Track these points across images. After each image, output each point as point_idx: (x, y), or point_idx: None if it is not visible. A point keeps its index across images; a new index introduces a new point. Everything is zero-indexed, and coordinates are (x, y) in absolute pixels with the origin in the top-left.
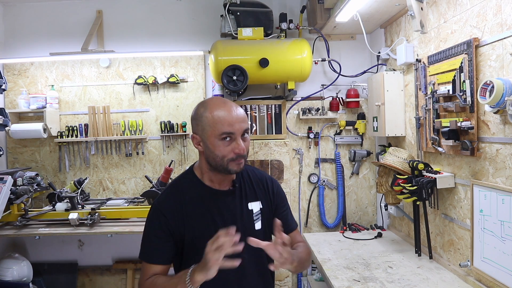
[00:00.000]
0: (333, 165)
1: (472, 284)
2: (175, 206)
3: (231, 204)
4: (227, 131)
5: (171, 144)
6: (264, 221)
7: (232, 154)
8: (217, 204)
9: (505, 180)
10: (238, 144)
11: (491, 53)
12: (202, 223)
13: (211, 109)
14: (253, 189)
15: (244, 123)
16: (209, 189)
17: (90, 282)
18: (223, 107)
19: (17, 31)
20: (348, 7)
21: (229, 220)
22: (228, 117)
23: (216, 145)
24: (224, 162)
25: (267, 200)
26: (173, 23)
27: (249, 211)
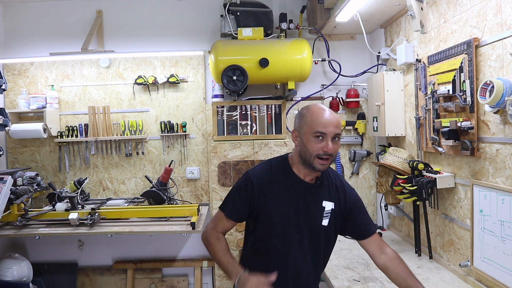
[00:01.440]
0: (333, 165)
1: (472, 284)
2: (263, 180)
3: (309, 196)
4: (320, 130)
5: (171, 144)
6: (332, 221)
7: (321, 151)
8: (297, 191)
9: (505, 180)
10: (327, 144)
11: (491, 53)
12: (279, 203)
13: (312, 111)
14: (331, 191)
15: (337, 128)
16: (295, 177)
17: (90, 282)
18: (322, 111)
19: (17, 31)
20: (348, 7)
21: (301, 207)
22: (324, 120)
23: (309, 141)
24: (312, 158)
25: (340, 205)
26: (173, 23)
27: (322, 207)
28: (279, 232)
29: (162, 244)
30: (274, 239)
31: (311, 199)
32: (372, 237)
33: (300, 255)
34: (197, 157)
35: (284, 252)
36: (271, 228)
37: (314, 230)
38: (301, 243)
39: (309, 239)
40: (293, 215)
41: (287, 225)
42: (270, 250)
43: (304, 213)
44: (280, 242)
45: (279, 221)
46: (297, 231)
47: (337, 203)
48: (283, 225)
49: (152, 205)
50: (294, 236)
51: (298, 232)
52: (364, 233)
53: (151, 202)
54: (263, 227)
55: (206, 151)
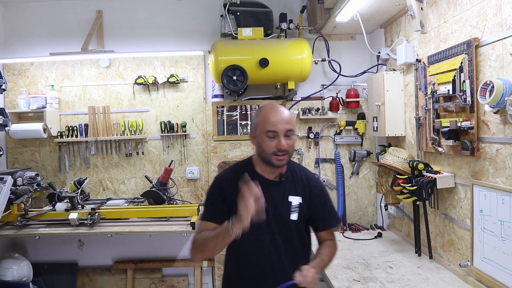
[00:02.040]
0: (333, 165)
1: (472, 284)
2: (231, 181)
3: (274, 193)
4: (271, 129)
5: (171, 144)
6: (301, 214)
7: (275, 149)
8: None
9: (505, 180)
10: (280, 141)
11: (491, 53)
12: None
13: (262, 112)
14: (297, 185)
15: (288, 125)
16: (259, 176)
17: (90, 282)
18: (271, 111)
19: (17, 31)
20: (348, 7)
21: (269, 204)
22: (273, 118)
23: (264, 141)
24: (269, 156)
25: (307, 198)
26: (173, 23)
27: (288, 202)
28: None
29: (162, 244)
30: (247, 238)
31: (277, 196)
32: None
33: (273, 252)
34: (197, 157)
35: (257, 251)
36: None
37: (284, 225)
38: (273, 239)
39: (281, 235)
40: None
41: (257, 224)
42: (244, 250)
43: (272, 210)
44: (253, 241)
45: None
46: (268, 229)
47: (303, 197)
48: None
49: (152, 205)
50: (265, 234)
51: (269, 229)
52: (321, 227)
53: (151, 202)
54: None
55: (206, 151)
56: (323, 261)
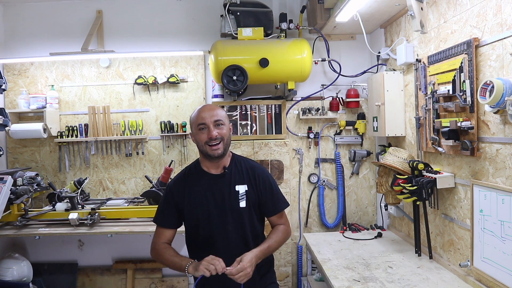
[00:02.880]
0: (333, 165)
1: (472, 284)
2: (180, 185)
3: (221, 185)
4: (200, 122)
5: (171, 144)
6: (249, 202)
7: (207, 138)
8: (210, 184)
9: (505, 180)
10: (210, 131)
11: (491, 53)
12: (197, 198)
13: (194, 112)
14: (242, 175)
15: (215, 116)
16: (205, 173)
17: (90, 282)
18: (201, 108)
19: (17, 31)
20: (348, 7)
21: (217, 197)
22: (201, 114)
23: (197, 135)
24: (204, 147)
25: (253, 185)
26: (173, 23)
27: (236, 191)
28: (203, 224)
29: None
30: (201, 231)
31: (223, 187)
32: (279, 215)
33: (226, 240)
34: (197, 157)
35: (211, 241)
36: (196, 222)
37: (234, 213)
38: (225, 229)
39: (232, 223)
40: (211, 206)
41: (209, 217)
42: (198, 243)
43: (221, 201)
44: (206, 232)
45: (201, 215)
46: (220, 220)
47: (249, 184)
48: (205, 217)
49: (152, 205)
50: (217, 225)
51: (221, 220)
52: (271, 212)
53: (151, 202)
54: (190, 223)
55: None
56: (270, 247)
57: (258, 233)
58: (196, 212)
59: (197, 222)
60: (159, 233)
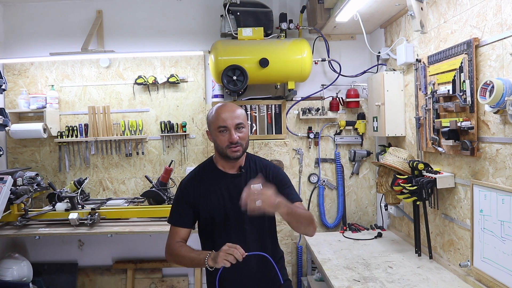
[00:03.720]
0: (333, 165)
1: (472, 284)
2: (195, 184)
3: (237, 184)
4: (222, 125)
5: (171, 144)
6: None
7: (227, 142)
8: (226, 183)
9: (505, 180)
10: (231, 135)
11: (491, 53)
12: (213, 197)
13: (214, 111)
14: (256, 173)
15: (237, 119)
16: (221, 172)
17: (90, 282)
18: (221, 108)
19: (17, 31)
20: (348, 7)
21: (234, 196)
22: (223, 115)
23: (217, 136)
24: (224, 150)
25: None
26: (173, 23)
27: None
28: (220, 224)
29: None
30: (216, 232)
31: (240, 186)
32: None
33: (242, 240)
34: (197, 157)
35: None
36: (212, 222)
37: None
38: (242, 229)
39: (250, 223)
40: (228, 206)
41: (226, 216)
42: (216, 242)
43: (238, 200)
44: (222, 233)
45: (217, 214)
46: (236, 219)
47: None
48: (221, 217)
49: (152, 205)
50: (234, 224)
51: (238, 219)
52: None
53: (151, 202)
54: (205, 224)
55: (206, 151)
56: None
57: (274, 233)
58: (213, 212)
59: (213, 222)
60: (174, 233)
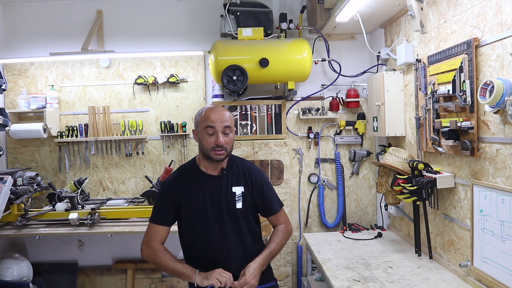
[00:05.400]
0: (333, 165)
1: (472, 284)
2: (177, 184)
3: (218, 186)
4: (209, 125)
5: (171, 144)
6: (246, 203)
7: (213, 144)
8: (207, 185)
9: (505, 180)
10: (218, 137)
11: (491, 53)
12: (194, 198)
13: (203, 111)
14: (239, 176)
15: (225, 122)
16: (203, 173)
17: (90, 282)
18: (211, 109)
19: (17, 31)
20: (348, 7)
21: (214, 198)
22: (212, 116)
23: (204, 137)
24: (208, 151)
25: (249, 187)
26: (173, 23)
27: (232, 193)
28: (200, 225)
29: None
30: (197, 232)
31: (220, 188)
32: (276, 215)
33: (223, 242)
34: None
35: (208, 242)
36: (192, 223)
37: (231, 215)
38: (222, 230)
39: (229, 224)
40: (209, 207)
41: (206, 217)
42: (196, 243)
43: (218, 202)
44: (203, 233)
45: (198, 215)
46: (216, 221)
47: (246, 186)
48: (201, 218)
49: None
50: (214, 226)
51: (218, 221)
52: (268, 212)
53: (151, 202)
54: (186, 223)
55: None
56: (272, 252)
57: (256, 234)
58: (193, 212)
59: (193, 223)
60: (153, 232)
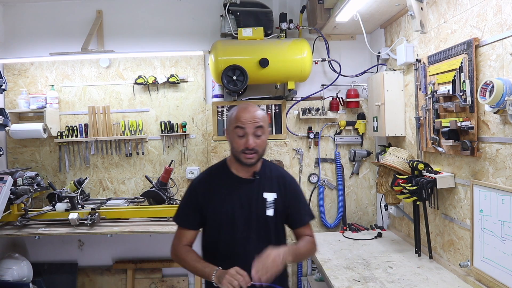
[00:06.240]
0: (333, 165)
1: (472, 284)
2: (205, 185)
3: (249, 190)
4: (239, 125)
5: (171, 144)
6: (277, 210)
7: (243, 146)
8: (237, 188)
9: (505, 180)
10: (247, 140)
11: (491, 53)
12: (223, 201)
13: (235, 110)
14: (271, 182)
15: (257, 123)
16: (233, 176)
17: (90, 282)
18: (242, 108)
19: (17, 31)
20: (348, 7)
21: (244, 202)
22: (242, 116)
23: (233, 138)
24: (238, 154)
25: (282, 194)
26: (173, 23)
27: (263, 199)
28: (226, 229)
29: (162, 244)
30: (222, 237)
31: (251, 193)
32: (304, 227)
33: (248, 249)
34: (197, 157)
35: (232, 248)
36: (218, 227)
37: (260, 222)
38: (248, 237)
39: (257, 232)
40: (237, 212)
41: (233, 222)
42: (219, 249)
43: (248, 207)
44: (228, 239)
45: (224, 219)
46: (244, 227)
47: (278, 193)
48: (228, 223)
49: (152, 205)
50: (241, 232)
51: (245, 227)
52: (297, 223)
53: (151, 202)
54: (211, 226)
55: (206, 151)
56: (299, 249)
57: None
58: (220, 216)
59: (219, 227)
60: (181, 235)
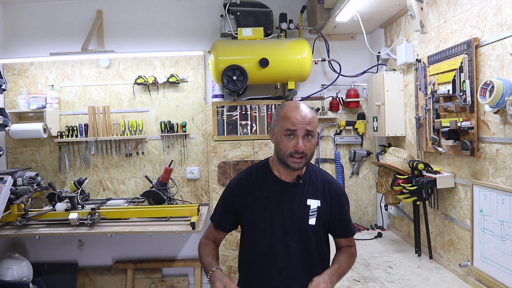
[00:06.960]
0: (333, 165)
1: (472, 284)
2: (244, 186)
3: (291, 195)
4: (290, 128)
5: (171, 144)
6: (320, 219)
7: (292, 150)
8: (278, 192)
9: (505, 180)
10: (297, 142)
11: (491, 53)
12: (260, 204)
13: (284, 109)
14: (316, 188)
15: (308, 125)
16: (275, 178)
17: (90, 282)
18: (293, 107)
19: (17, 31)
20: (348, 7)
21: (284, 208)
22: (294, 117)
23: (282, 140)
24: (285, 157)
25: (327, 202)
26: (173, 23)
27: (307, 206)
28: (263, 236)
29: (162, 244)
30: (259, 244)
31: (293, 199)
32: (350, 238)
33: (287, 259)
34: (197, 157)
35: (270, 257)
36: (255, 233)
37: (301, 230)
38: (288, 246)
39: (297, 241)
40: (276, 217)
41: (271, 228)
42: (256, 256)
43: (288, 214)
44: (265, 246)
45: (262, 224)
46: (282, 234)
47: (323, 200)
48: (266, 228)
49: (152, 205)
50: (279, 239)
51: (284, 234)
52: (342, 234)
53: (151, 202)
54: (247, 232)
55: (206, 151)
56: (341, 268)
57: (325, 256)
58: (256, 221)
59: (255, 233)
60: (210, 231)
